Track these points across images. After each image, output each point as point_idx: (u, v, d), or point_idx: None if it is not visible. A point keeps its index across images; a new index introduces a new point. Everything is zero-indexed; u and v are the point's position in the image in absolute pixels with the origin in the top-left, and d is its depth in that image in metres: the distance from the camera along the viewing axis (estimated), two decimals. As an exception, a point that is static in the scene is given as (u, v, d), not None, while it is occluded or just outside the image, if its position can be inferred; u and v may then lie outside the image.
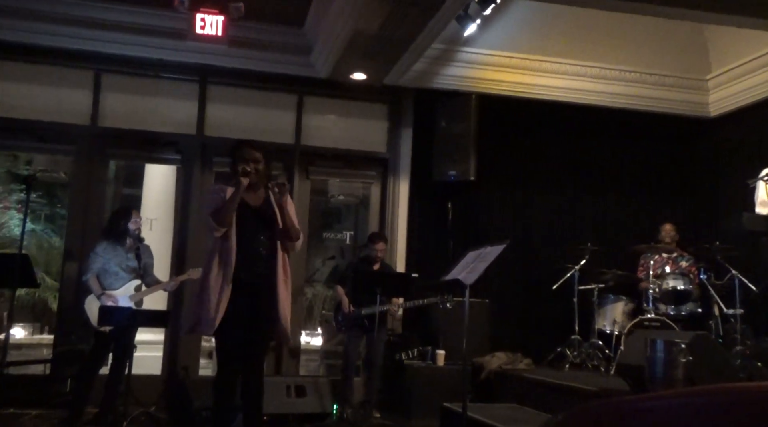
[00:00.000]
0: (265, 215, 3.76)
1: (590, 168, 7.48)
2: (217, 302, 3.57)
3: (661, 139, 7.60)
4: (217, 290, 3.59)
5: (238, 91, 6.84)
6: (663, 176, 7.60)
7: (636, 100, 7.36)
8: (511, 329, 6.81)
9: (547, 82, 7.13)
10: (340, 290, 5.97)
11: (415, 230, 6.97)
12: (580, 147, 7.42)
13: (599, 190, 7.48)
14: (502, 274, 6.75)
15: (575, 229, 7.24)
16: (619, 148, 7.52)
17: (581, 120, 7.35)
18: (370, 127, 7.19)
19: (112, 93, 6.53)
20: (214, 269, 3.62)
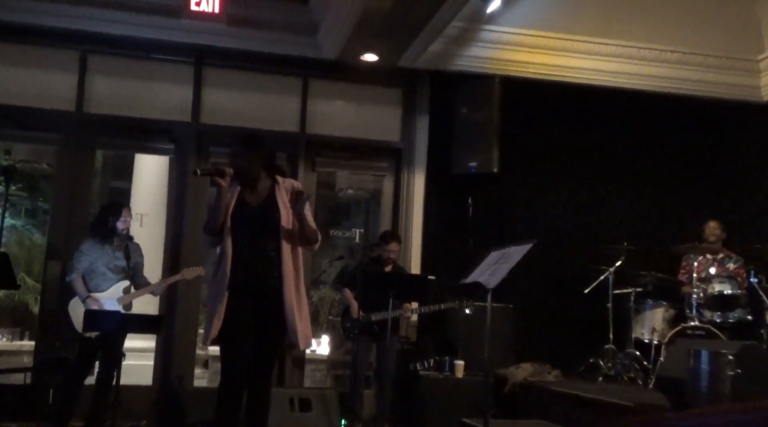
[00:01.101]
0: (267, 214, 3.74)
1: (626, 159, 7.43)
2: (213, 311, 3.60)
3: (707, 126, 7.52)
4: (213, 298, 3.63)
5: (237, 75, 6.84)
6: (708, 168, 7.53)
7: (678, 83, 7.30)
8: (538, 337, 6.79)
9: (579, 64, 7.09)
10: (348, 293, 5.98)
11: (432, 227, 6.96)
12: (615, 136, 7.36)
13: (637, 184, 7.42)
14: (528, 276, 6.71)
15: (610, 226, 7.19)
16: (658, 136, 7.46)
17: (617, 106, 7.30)
18: (383, 114, 7.17)
19: (99, 76, 6.55)
20: (213, 278, 3.69)
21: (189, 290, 6.42)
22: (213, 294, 3.66)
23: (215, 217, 3.63)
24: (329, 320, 8.96)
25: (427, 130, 7.04)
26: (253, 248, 3.68)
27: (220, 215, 3.63)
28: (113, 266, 5.25)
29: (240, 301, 3.63)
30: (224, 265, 3.63)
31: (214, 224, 3.64)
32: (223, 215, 3.63)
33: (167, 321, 6.15)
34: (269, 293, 3.69)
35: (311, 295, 8.21)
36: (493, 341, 4.93)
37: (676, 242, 6.56)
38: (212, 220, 3.65)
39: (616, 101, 7.27)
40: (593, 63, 7.12)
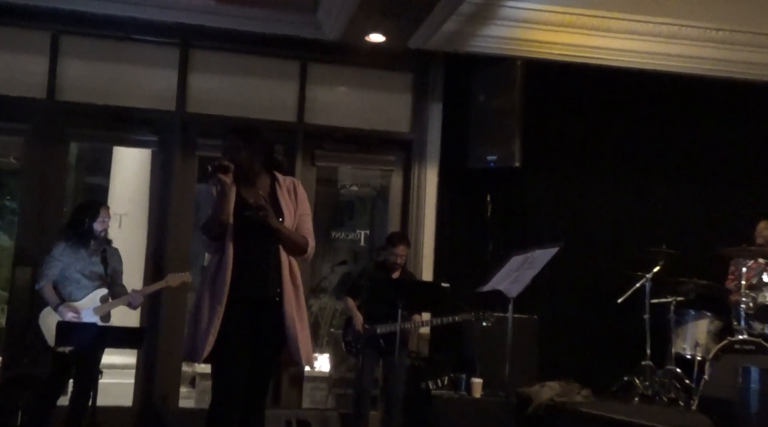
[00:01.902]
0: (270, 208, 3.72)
1: (665, 151, 7.39)
2: (207, 326, 3.58)
3: (757, 114, 7.47)
4: (206, 311, 3.61)
5: (227, 58, 6.85)
6: (758, 162, 7.49)
7: (724, 65, 7.25)
8: (566, 352, 6.76)
9: (611, 44, 7.05)
10: (351, 302, 5.98)
11: (446, 229, 6.95)
12: (652, 125, 7.33)
13: (677, 180, 7.39)
14: (555, 284, 6.71)
15: (647, 227, 7.17)
16: (703, 126, 7.42)
17: (654, 92, 7.26)
18: (391, 101, 7.17)
19: (72, 59, 6.56)
20: (207, 287, 3.65)
21: (174, 299, 6.42)
22: (206, 305, 3.62)
23: (218, 219, 3.60)
24: (330, 332, 8.95)
25: (440, 120, 7.03)
26: (253, 254, 3.67)
27: (224, 215, 3.60)
28: (89, 273, 5.26)
29: (238, 313, 3.62)
30: (223, 272, 3.61)
31: (219, 227, 3.61)
32: (227, 215, 3.62)
33: (150, 334, 6.14)
34: (268, 305, 3.68)
35: (310, 304, 8.21)
36: (515, 356, 4.92)
37: (722, 244, 6.50)
38: (215, 222, 3.61)
39: (653, 86, 7.24)
40: (628, 43, 7.09)
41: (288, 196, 3.80)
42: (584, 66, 7.05)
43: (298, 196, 3.84)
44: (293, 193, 3.83)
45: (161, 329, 6.46)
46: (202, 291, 3.69)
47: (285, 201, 3.78)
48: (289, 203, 3.78)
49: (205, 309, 3.63)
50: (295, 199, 3.82)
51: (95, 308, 5.24)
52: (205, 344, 3.58)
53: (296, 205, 3.81)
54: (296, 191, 3.85)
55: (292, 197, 3.81)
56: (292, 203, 3.79)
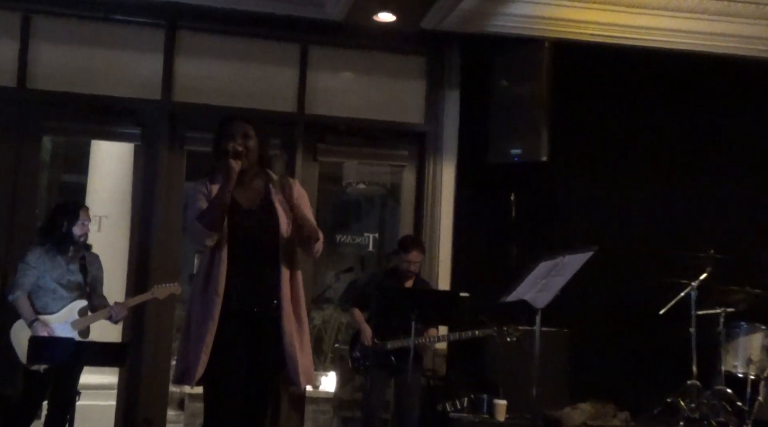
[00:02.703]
0: (265, 220, 3.72)
1: (713, 144, 7.36)
2: (197, 343, 3.57)
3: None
4: (196, 327, 3.59)
5: (219, 40, 6.85)
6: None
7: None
8: (600, 369, 6.75)
9: (650, 23, 7.01)
10: (358, 314, 5.97)
11: (464, 231, 6.94)
12: (698, 114, 7.29)
13: (726, 175, 7.34)
14: (587, 293, 6.67)
15: (692, 229, 7.13)
16: (754, 114, 7.37)
17: (700, 76, 7.22)
18: (402, 88, 7.16)
19: (46, 43, 6.56)
20: (197, 300, 3.63)
21: (160, 312, 6.43)
22: (196, 319, 3.63)
23: (220, 205, 3.59)
24: (335, 348, 8.96)
25: (457, 109, 7.04)
26: (249, 263, 3.67)
27: (226, 203, 3.60)
28: (66, 282, 5.26)
29: (232, 329, 3.61)
30: (215, 281, 3.59)
31: (217, 215, 3.59)
32: (227, 205, 3.61)
33: (133, 350, 6.13)
34: (265, 319, 3.68)
35: (312, 317, 8.21)
36: (544, 374, 4.91)
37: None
38: (214, 211, 3.60)
39: (699, 70, 7.19)
40: (669, 21, 7.05)
41: (283, 195, 3.77)
42: (619, 47, 7.02)
43: (296, 192, 3.77)
44: (288, 192, 3.77)
45: (146, 345, 6.45)
46: (192, 303, 3.68)
47: (280, 200, 3.77)
48: (284, 203, 3.76)
49: (195, 325, 3.62)
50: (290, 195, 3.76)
51: (73, 322, 5.24)
52: (197, 365, 3.55)
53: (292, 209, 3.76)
54: (292, 188, 3.78)
55: (287, 195, 3.77)
56: (287, 208, 3.76)
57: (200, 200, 3.69)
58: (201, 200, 3.69)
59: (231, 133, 3.72)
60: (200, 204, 3.67)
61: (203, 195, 3.70)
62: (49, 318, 5.20)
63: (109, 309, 5.32)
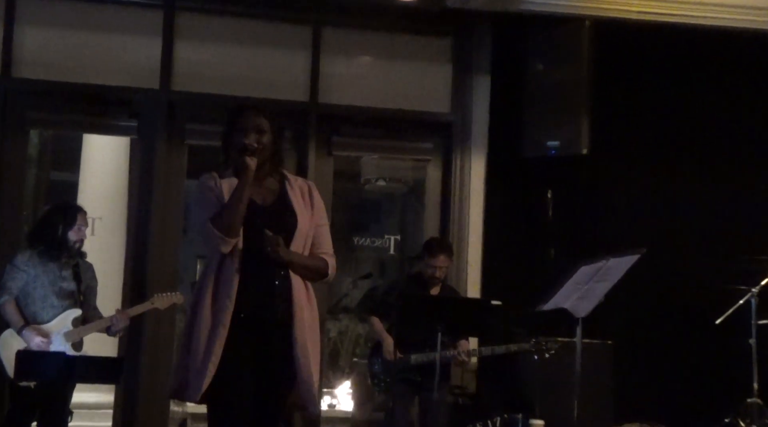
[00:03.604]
0: (282, 218, 3.70)
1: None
2: (205, 354, 3.56)
3: None
4: (203, 336, 3.57)
5: (223, 22, 6.88)
6: None
7: None
8: (649, 386, 6.73)
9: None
10: (378, 323, 5.97)
11: (496, 233, 6.94)
12: (760, 100, 7.24)
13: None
14: (634, 300, 6.65)
15: (751, 230, 7.08)
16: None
17: (762, 58, 7.20)
18: (426, 74, 7.17)
19: (32, 27, 6.60)
20: (205, 305, 3.61)
21: (159, 322, 6.45)
22: (204, 327, 3.56)
23: (237, 207, 3.57)
24: (353, 362, 8.99)
25: (487, 97, 7.03)
26: (262, 268, 3.63)
27: (244, 205, 3.59)
28: (58, 289, 5.28)
29: (241, 341, 3.60)
30: (228, 286, 3.58)
31: (235, 218, 3.57)
32: (245, 206, 3.59)
33: (129, 366, 6.15)
34: (277, 330, 3.67)
35: (328, 328, 8.25)
36: (585, 392, 4.91)
37: None
38: (232, 214, 3.57)
39: (760, 51, 7.17)
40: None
41: (302, 198, 3.79)
42: (669, 26, 6.96)
43: (314, 201, 3.81)
44: (308, 196, 3.82)
45: (143, 360, 6.49)
46: (197, 310, 3.63)
47: (298, 202, 3.77)
48: (303, 205, 3.77)
49: (203, 333, 3.58)
50: (310, 204, 3.80)
51: (66, 333, 5.26)
52: (202, 378, 3.53)
53: (312, 212, 3.78)
54: (311, 195, 3.82)
55: (306, 199, 3.80)
56: (307, 206, 3.78)
57: (210, 199, 3.66)
58: (211, 199, 3.66)
59: (243, 126, 3.70)
60: (211, 204, 3.65)
61: (213, 193, 3.68)
62: (42, 328, 5.22)
63: (109, 318, 5.34)
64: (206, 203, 3.66)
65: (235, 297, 3.58)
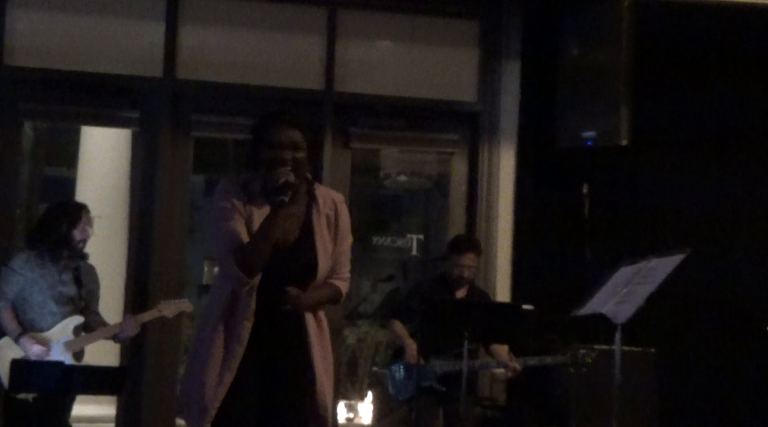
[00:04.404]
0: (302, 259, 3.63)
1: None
2: (221, 373, 3.52)
3: None
4: (217, 362, 3.54)
5: (230, 5, 6.91)
6: None
7: None
8: (696, 397, 6.73)
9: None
10: (400, 327, 5.97)
11: (527, 231, 6.96)
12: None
13: None
14: (679, 304, 6.66)
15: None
16: None
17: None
18: (451, 59, 7.19)
19: (25, 11, 6.64)
20: (217, 327, 3.57)
21: (165, 331, 6.47)
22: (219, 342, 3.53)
23: (263, 249, 3.48)
24: (373, 372, 9.03)
25: (518, 84, 7.04)
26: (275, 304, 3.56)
27: (270, 248, 3.49)
28: (57, 294, 5.31)
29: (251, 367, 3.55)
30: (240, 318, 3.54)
31: (260, 260, 3.49)
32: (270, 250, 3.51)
33: (133, 376, 6.16)
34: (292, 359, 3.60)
35: (345, 335, 8.26)
36: (625, 403, 4.92)
37: None
38: (256, 254, 3.48)
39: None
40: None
41: (327, 226, 3.70)
42: (718, 5, 6.96)
43: (340, 224, 3.73)
44: (333, 221, 3.72)
45: (147, 370, 6.53)
46: (210, 321, 3.61)
47: (321, 234, 3.67)
48: (326, 237, 3.68)
49: (218, 348, 3.55)
50: (335, 228, 3.72)
51: (67, 342, 5.29)
52: (215, 398, 3.51)
53: (335, 237, 3.70)
54: (338, 217, 3.74)
55: (331, 227, 3.71)
56: (330, 236, 3.70)
57: (234, 221, 3.54)
58: (235, 221, 3.53)
59: (277, 141, 3.55)
60: (235, 228, 3.53)
61: (240, 217, 3.55)
62: (43, 336, 5.24)
63: (119, 324, 5.37)
64: (229, 229, 3.54)
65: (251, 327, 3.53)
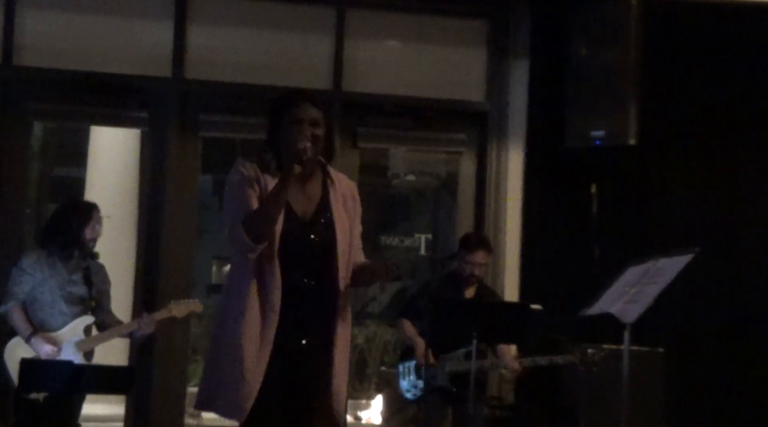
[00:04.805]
0: (322, 235, 3.60)
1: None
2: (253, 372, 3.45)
3: None
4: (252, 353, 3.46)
5: (238, 5, 6.93)
6: None
7: None
8: (705, 398, 6.72)
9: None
10: (409, 326, 5.96)
11: (535, 231, 6.96)
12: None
13: None
14: (688, 304, 6.64)
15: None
16: None
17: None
18: (458, 59, 7.19)
19: (34, 11, 6.67)
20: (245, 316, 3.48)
21: (173, 330, 6.46)
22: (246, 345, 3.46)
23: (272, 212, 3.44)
24: (382, 371, 9.03)
25: (526, 83, 7.05)
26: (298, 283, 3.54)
27: (280, 210, 3.46)
28: (67, 294, 5.32)
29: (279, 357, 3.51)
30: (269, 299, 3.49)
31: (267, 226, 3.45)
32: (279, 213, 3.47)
33: (141, 375, 6.22)
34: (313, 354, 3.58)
35: (354, 334, 8.27)
36: (634, 403, 4.90)
37: None
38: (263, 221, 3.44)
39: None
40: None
41: (343, 206, 3.68)
42: (728, 4, 6.92)
43: (357, 208, 3.73)
44: (350, 202, 3.71)
45: (156, 369, 6.54)
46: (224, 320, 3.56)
47: (339, 214, 3.65)
48: (343, 216, 3.65)
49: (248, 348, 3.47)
50: (352, 212, 3.70)
51: (78, 342, 5.30)
52: (252, 392, 3.44)
53: (352, 221, 3.68)
54: (354, 201, 3.73)
55: (348, 205, 3.69)
56: (348, 216, 3.67)
57: (246, 192, 3.51)
58: (247, 192, 3.51)
59: (298, 117, 3.54)
60: (247, 198, 3.50)
61: (253, 190, 3.52)
62: (54, 336, 5.26)
63: (136, 321, 5.37)
64: (242, 200, 3.51)
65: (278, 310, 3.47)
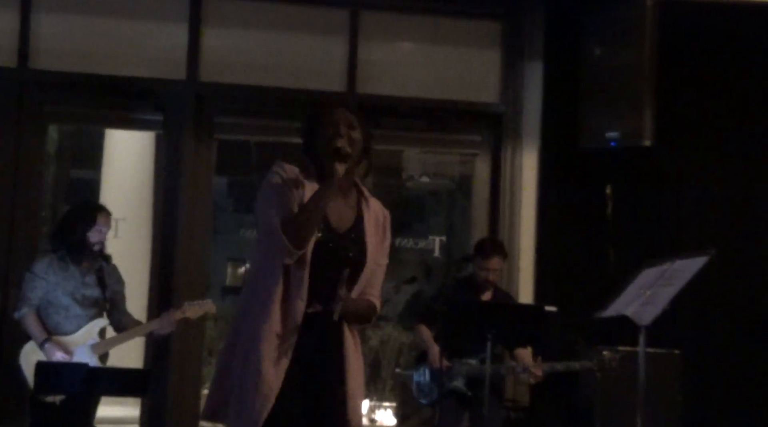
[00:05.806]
0: (353, 250, 3.51)
1: None
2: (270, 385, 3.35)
3: None
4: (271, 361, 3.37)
5: (252, 7, 6.92)
6: None
7: None
8: (722, 400, 6.69)
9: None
10: (426, 332, 5.96)
11: (551, 232, 6.94)
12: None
13: None
14: (704, 306, 6.61)
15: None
16: None
17: None
18: (473, 60, 7.18)
19: (50, 15, 6.68)
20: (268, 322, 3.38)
21: (188, 332, 6.45)
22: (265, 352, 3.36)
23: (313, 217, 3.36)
24: (396, 373, 9.01)
25: (541, 85, 7.02)
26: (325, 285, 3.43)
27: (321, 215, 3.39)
28: (81, 297, 5.34)
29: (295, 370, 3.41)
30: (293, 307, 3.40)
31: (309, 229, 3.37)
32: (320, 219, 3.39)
33: (157, 378, 6.20)
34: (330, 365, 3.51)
35: (368, 336, 8.26)
36: (650, 406, 4.89)
37: None
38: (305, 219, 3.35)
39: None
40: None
41: (374, 228, 3.60)
42: (744, 4, 6.88)
43: (386, 236, 3.64)
44: (381, 228, 3.63)
45: (171, 371, 6.54)
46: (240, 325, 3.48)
47: (371, 234, 3.57)
48: (375, 239, 3.57)
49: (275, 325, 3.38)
50: (382, 237, 3.61)
51: (93, 345, 5.32)
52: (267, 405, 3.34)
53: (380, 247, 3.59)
54: (385, 228, 3.64)
55: (379, 230, 3.61)
56: (378, 238, 3.59)
57: (285, 195, 3.41)
58: (286, 196, 3.40)
59: (334, 120, 3.50)
60: (287, 201, 3.39)
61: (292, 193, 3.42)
62: (66, 340, 5.28)
63: (157, 321, 5.39)
64: (281, 202, 3.40)
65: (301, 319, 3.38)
